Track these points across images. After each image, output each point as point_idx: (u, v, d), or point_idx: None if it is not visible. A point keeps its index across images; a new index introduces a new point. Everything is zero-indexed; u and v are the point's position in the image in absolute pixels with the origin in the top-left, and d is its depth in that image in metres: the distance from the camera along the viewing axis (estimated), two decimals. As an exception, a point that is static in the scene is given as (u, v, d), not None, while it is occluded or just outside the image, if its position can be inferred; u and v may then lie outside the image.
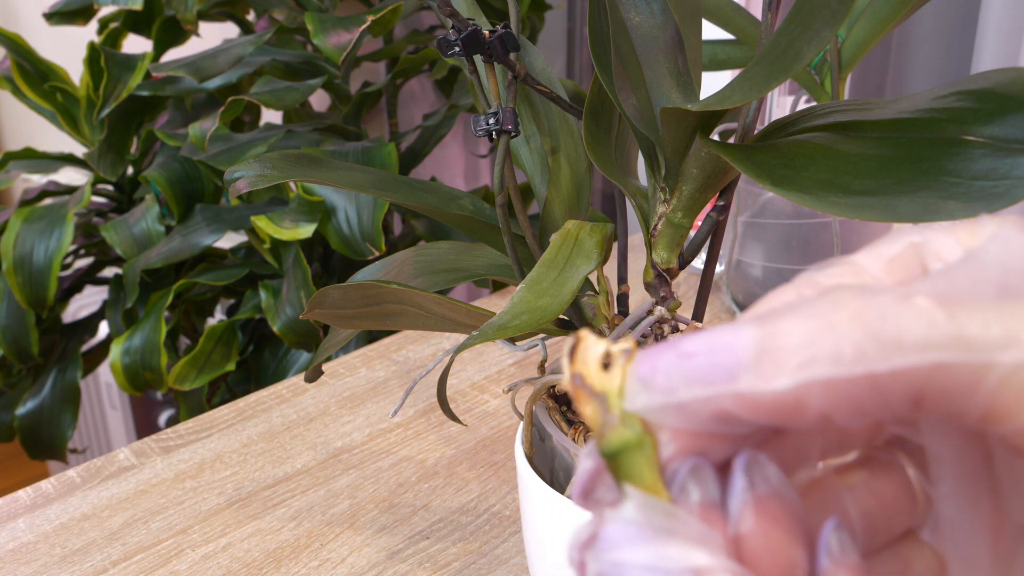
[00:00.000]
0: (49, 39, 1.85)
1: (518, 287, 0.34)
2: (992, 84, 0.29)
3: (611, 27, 0.35)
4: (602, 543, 0.17)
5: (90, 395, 1.74)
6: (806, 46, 0.27)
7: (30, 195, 1.20)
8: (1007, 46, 0.89)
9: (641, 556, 0.16)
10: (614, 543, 0.17)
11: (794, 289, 0.19)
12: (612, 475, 0.18)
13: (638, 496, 0.17)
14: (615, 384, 0.18)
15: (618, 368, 0.18)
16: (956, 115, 0.29)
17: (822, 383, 0.16)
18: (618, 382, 0.18)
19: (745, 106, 0.35)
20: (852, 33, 0.47)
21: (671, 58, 0.37)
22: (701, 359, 0.17)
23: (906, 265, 0.19)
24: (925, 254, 0.19)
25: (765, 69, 0.28)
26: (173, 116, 1.19)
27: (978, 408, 0.15)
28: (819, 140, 0.31)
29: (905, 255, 0.19)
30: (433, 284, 0.40)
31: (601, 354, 0.18)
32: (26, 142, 2.13)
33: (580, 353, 0.18)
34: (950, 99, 0.30)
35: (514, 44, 0.38)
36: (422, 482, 0.54)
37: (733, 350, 0.16)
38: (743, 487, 0.18)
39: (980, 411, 0.15)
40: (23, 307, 1.11)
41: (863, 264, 0.19)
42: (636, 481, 0.18)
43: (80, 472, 0.56)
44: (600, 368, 0.18)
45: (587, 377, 0.18)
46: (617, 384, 0.18)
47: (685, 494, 0.18)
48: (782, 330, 0.16)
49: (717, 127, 0.38)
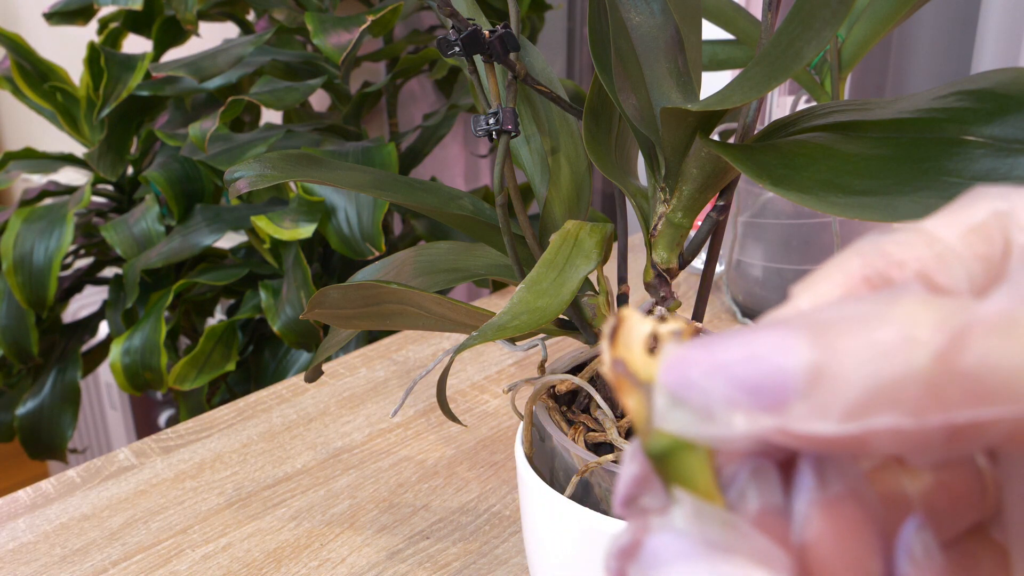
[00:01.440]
0: (49, 39, 1.85)
1: (518, 287, 0.34)
2: (992, 84, 0.29)
3: (611, 27, 0.35)
4: (647, 557, 0.15)
5: (90, 395, 1.74)
6: (806, 46, 0.27)
7: (30, 195, 1.20)
8: (1007, 46, 0.89)
9: (692, 575, 0.14)
10: (662, 558, 0.14)
11: (858, 259, 0.16)
12: (660, 478, 0.16)
13: (690, 502, 0.15)
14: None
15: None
16: (956, 115, 0.29)
17: (887, 431, 0.13)
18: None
19: (745, 106, 0.35)
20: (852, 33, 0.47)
21: (671, 58, 0.37)
22: (742, 372, 0.14)
23: (988, 237, 0.16)
24: (1010, 225, 0.16)
25: (765, 69, 0.28)
26: (173, 116, 1.19)
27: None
28: (819, 140, 0.31)
29: (988, 225, 0.16)
30: (433, 284, 0.40)
31: (647, 336, 0.16)
32: (26, 142, 2.13)
33: (623, 335, 0.16)
34: (950, 99, 0.30)
35: (514, 44, 0.38)
36: (422, 482, 0.54)
37: (783, 368, 0.14)
38: (811, 486, 0.15)
39: None
40: (23, 307, 1.11)
41: (937, 233, 0.16)
42: (688, 485, 0.15)
43: (80, 472, 0.56)
44: (646, 353, 0.16)
45: (630, 364, 0.16)
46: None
47: (744, 500, 0.15)
48: (841, 352, 0.14)
49: (717, 127, 0.38)
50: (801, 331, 0.14)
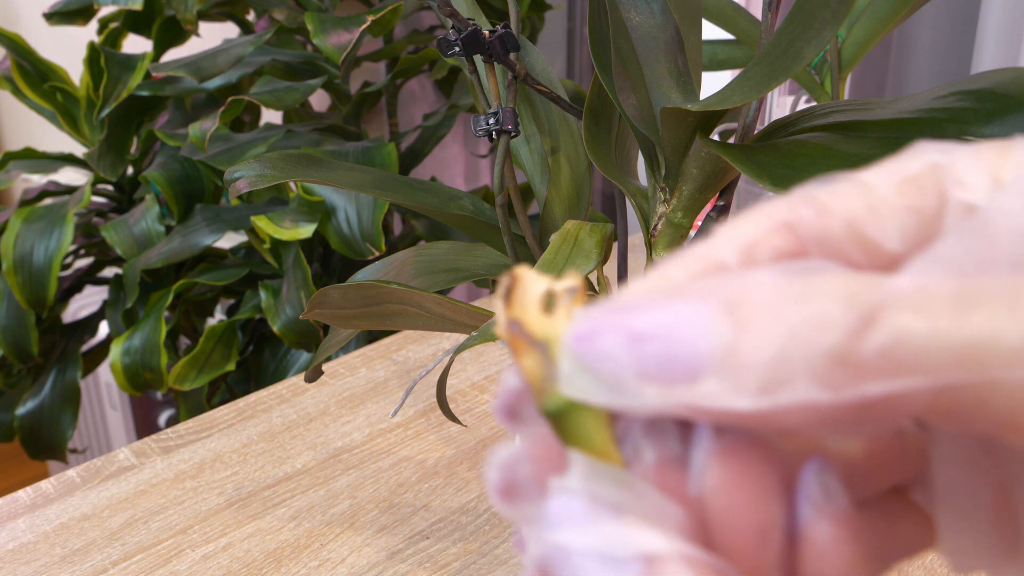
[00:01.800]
0: (49, 39, 1.85)
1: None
2: (992, 84, 0.29)
3: (611, 27, 0.35)
4: (546, 520, 0.14)
5: (90, 395, 1.74)
6: (806, 46, 0.27)
7: (30, 195, 1.20)
8: (1007, 46, 0.89)
9: (587, 540, 0.14)
10: (558, 522, 0.14)
11: (785, 206, 0.16)
12: (557, 437, 0.15)
13: (584, 463, 0.15)
14: (559, 331, 0.15)
15: (563, 311, 0.15)
16: (956, 115, 0.29)
17: (799, 407, 0.13)
18: (562, 328, 0.15)
19: (745, 106, 0.35)
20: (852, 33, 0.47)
21: (671, 58, 0.37)
22: (656, 347, 0.14)
23: (922, 188, 0.16)
24: (946, 178, 0.16)
25: (765, 69, 0.28)
26: (173, 116, 1.19)
27: (987, 426, 0.13)
28: (819, 140, 0.31)
29: (923, 177, 0.16)
30: (433, 284, 0.40)
31: (543, 295, 0.16)
32: (26, 142, 2.13)
33: (518, 294, 0.16)
34: (950, 99, 0.30)
35: (514, 44, 0.38)
36: (422, 482, 0.54)
37: (697, 345, 0.13)
38: (710, 434, 0.15)
39: (989, 428, 0.13)
40: (23, 307, 1.11)
41: (871, 183, 0.16)
42: (584, 444, 0.15)
43: (80, 472, 0.56)
44: (541, 312, 0.15)
45: (526, 323, 0.15)
46: (561, 330, 0.15)
47: (639, 454, 0.15)
48: (755, 330, 0.13)
49: (717, 127, 0.38)
50: (716, 306, 0.14)
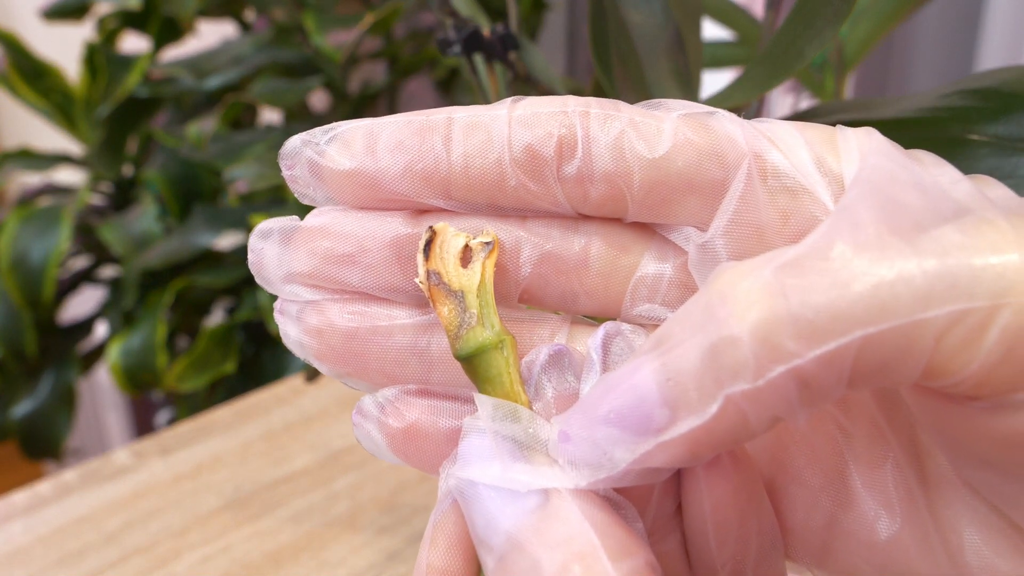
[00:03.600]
0: (45, 37, 1.85)
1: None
2: (996, 82, 0.29)
3: (611, 27, 0.35)
4: (459, 458, 0.16)
5: (88, 396, 1.73)
6: (808, 45, 0.27)
7: (27, 195, 1.19)
8: (1011, 44, 0.89)
9: (491, 474, 0.15)
10: (465, 458, 0.15)
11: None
12: (470, 379, 0.17)
13: (491, 404, 0.16)
14: (474, 281, 0.17)
15: (478, 263, 0.17)
16: (960, 114, 0.29)
17: (740, 398, 0.14)
18: (477, 278, 0.17)
19: (746, 105, 0.34)
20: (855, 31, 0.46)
21: (671, 58, 0.37)
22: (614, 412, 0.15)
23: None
24: (756, 137, 0.17)
25: (766, 68, 0.27)
26: (172, 116, 1.18)
27: (915, 371, 0.13)
28: (821, 140, 0.31)
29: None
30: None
31: (460, 249, 0.17)
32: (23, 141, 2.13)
33: (436, 248, 0.17)
34: (953, 98, 0.29)
35: (514, 43, 0.37)
36: (423, 483, 0.54)
37: (640, 392, 0.14)
38: (597, 367, 0.16)
39: (917, 373, 0.13)
40: (20, 308, 1.10)
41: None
42: (494, 385, 0.16)
43: (77, 474, 0.56)
44: (458, 264, 0.17)
45: (444, 274, 0.17)
46: (476, 281, 0.17)
47: (541, 391, 0.16)
48: (678, 359, 0.14)
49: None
50: (647, 354, 0.15)
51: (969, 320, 0.13)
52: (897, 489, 0.17)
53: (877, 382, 0.14)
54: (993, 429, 0.14)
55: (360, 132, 0.18)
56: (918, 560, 0.17)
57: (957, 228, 0.13)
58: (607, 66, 0.35)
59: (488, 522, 0.15)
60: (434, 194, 0.18)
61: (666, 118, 0.17)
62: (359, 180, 0.18)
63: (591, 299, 0.18)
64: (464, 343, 0.17)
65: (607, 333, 0.17)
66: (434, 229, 0.17)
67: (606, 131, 0.17)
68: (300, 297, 0.19)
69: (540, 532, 0.14)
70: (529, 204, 0.18)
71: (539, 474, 0.15)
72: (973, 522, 0.16)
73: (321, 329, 0.18)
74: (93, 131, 1.17)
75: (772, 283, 0.13)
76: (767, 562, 0.17)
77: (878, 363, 0.13)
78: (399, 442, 0.18)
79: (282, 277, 0.19)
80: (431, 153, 0.18)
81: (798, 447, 0.18)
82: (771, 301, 0.13)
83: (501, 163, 0.17)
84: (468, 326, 0.16)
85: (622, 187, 0.17)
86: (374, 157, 0.18)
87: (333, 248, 0.18)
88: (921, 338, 0.13)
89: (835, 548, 0.18)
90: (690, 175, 0.17)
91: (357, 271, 0.18)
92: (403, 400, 0.18)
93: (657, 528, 0.17)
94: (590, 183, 0.17)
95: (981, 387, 0.13)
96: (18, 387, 1.19)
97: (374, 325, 0.18)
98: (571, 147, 0.17)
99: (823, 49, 0.26)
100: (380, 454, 0.18)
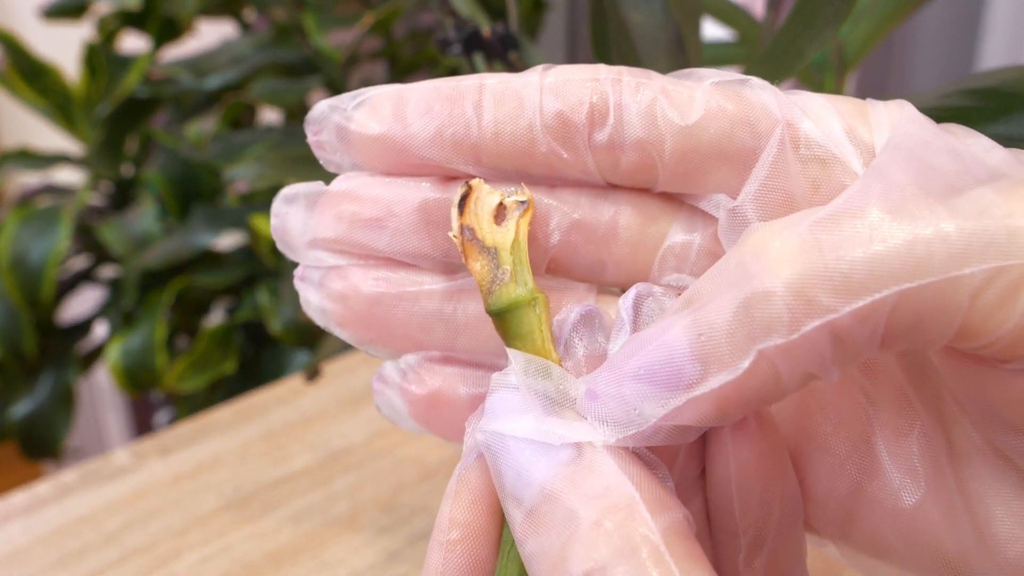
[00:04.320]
0: (45, 37, 1.85)
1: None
2: (997, 82, 0.29)
3: (611, 27, 0.35)
4: (487, 412, 0.16)
5: (87, 396, 1.73)
6: (808, 44, 0.27)
7: (26, 195, 1.19)
8: (1011, 44, 0.89)
9: (522, 428, 0.15)
10: (497, 413, 0.15)
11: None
12: (500, 336, 0.17)
13: (522, 359, 0.16)
14: (508, 238, 0.17)
15: (512, 221, 0.17)
16: (961, 114, 0.29)
17: (770, 353, 0.13)
18: (511, 236, 0.17)
19: (747, 105, 0.34)
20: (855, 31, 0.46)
21: (671, 58, 0.37)
22: (640, 365, 0.14)
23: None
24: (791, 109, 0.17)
25: (766, 68, 0.27)
26: (171, 115, 1.18)
27: (949, 330, 0.13)
28: (822, 139, 0.31)
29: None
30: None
31: (494, 206, 0.17)
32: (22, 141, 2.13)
33: (471, 204, 0.17)
34: (954, 98, 0.29)
35: (514, 43, 0.37)
36: (423, 483, 0.54)
37: (671, 350, 0.14)
38: (627, 327, 0.16)
39: (951, 333, 0.13)
40: (19, 308, 1.10)
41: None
42: (525, 342, 0.16)
43: (76, 474, 0.56)
44: (492, 221, 0.17)
45: (478, 230, 0.17)
46: (510, 238, 0.17)
47: (571, 350, 0.16)
48: (712, 315, 0.14)
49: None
50: (676, 313, 0.14)
51: (1005, 279, 0.13)
52: (923, 458, 0.17)
53: (910, 341, 0.14)
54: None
55: (389, 97, 0.18)
56: (943, 530, 0.16)
57: (993, 189, 0.13)
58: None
59: (519, 474, 0.14)
60: (463, 160, 0.18)
61: (698, 87, 0.17)
62: (387, 145, 0.18)
63: (619, 269, 0.18)
64: (497, 298, 0.17)
65: (639, 294, 0.17)
66: (470, 185, 0.17)
67: (638, 99, 0.17)
68: (323, 263, 0.19)
69: (576, 484, 0.14)
70: (559, 172, 0.18)
71: (572, 428, 0.15)
72: (1000, 494, 0.16)
73: (345, 294, 0.18)
74: (92, 131, 1.17)
75: (807, 239, 0.13)
76: (788, 531, 0.17)
77: (912, 321, 0.13)
78: (421, 408, 0.18)
79: (306, 242, 0.19)
80: (461, 119, 0.17)
81: (824, 414, 0.18)
82: (806, 256, 0.13)
83: (532, 129, 0.17)
84: (501, 282, 0.17)
85: (653, 155, 0.17)
86: (403, 122, 0.18)
87: (360, 212, 0.18)
88: (956, 296, 0.13)
89: (859, 517, 0.17)
90: (722, 143, 0.17)
91: (385, 236, 0.18)
92: (426, 367, 0.18)
93: (680, 492, 0.17)
94: (621, 151, 0.17)
95: (1015, 347, 0.13)
96: (17, 387, 1.19)
97: (400, 291, 0.18)
98: (603, 114, 0.17)
99: (823, 49, 0.26)
100: (400, 421, 0.18)
